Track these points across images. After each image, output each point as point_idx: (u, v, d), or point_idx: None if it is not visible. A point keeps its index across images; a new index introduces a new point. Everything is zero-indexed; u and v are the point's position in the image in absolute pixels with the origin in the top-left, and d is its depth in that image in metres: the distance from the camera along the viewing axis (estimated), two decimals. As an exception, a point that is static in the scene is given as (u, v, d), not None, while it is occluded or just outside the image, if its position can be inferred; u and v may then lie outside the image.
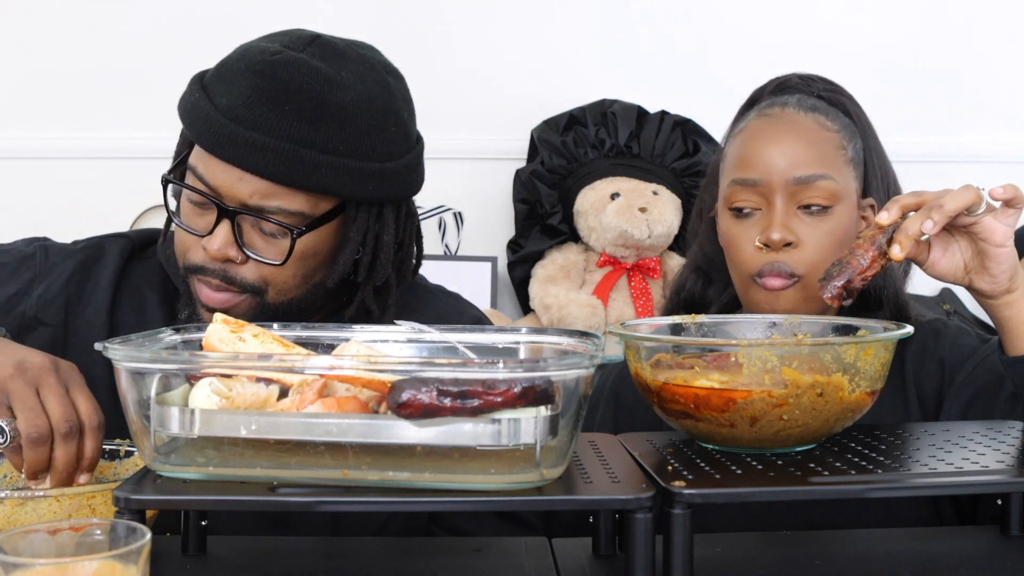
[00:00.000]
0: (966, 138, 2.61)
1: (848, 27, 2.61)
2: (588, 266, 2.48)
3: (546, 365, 0.84)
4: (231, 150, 1.18)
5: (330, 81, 1.20)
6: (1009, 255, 1.09)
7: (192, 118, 1.23)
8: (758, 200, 1.29)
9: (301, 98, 1.18)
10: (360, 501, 0.84)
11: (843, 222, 1.29)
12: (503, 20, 2.60)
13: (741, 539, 1.04)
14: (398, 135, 1.26)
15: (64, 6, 2.59)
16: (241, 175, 1.19)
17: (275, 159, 1.17)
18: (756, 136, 1.32)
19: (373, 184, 1.23)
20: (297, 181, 1.18)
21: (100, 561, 0.72)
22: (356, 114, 1.21)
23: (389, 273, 1.29)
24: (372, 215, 1.26)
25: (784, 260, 1.27)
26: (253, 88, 1.19)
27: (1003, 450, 0.98)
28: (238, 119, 1.18)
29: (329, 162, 1.19)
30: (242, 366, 0.88)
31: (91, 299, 1.31)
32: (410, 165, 1.28)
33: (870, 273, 1.08)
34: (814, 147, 1.29)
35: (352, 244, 1.25)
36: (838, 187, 1.28)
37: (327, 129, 1.19)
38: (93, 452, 1.02)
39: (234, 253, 1.21)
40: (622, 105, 2.49)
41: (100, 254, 1.35)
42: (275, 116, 1.18)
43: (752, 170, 1.29)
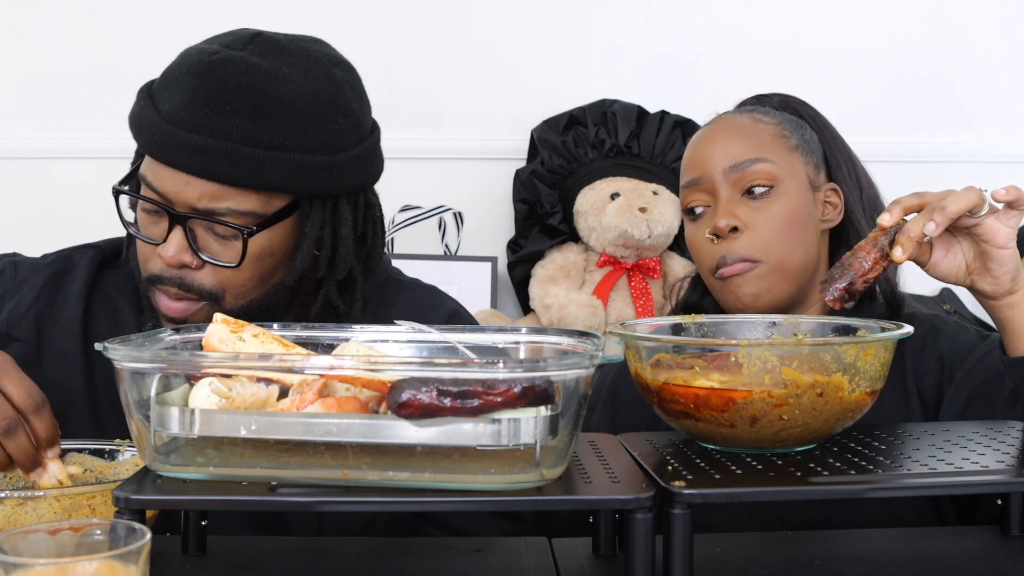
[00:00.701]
0: (967, 139, 2.61)
1: (848, 28, 2.61)
2: (588, 266, 2.48)
3: (546, 365, 0.84)
4: (175, 155, 1.17)
5: (270, 77, 1.19)
6: (1011, 256, 1.09)
7: (139, 128, 1.23)
8: (706, 198, 1.35)
9: (241, 96, 1.17)
10: (360, 501, 0.84)
11: (790, 201, 1.32)
12: (503, 20, 2.60)
13: (741, 539, 1.04)
14: (347, 126, 1.24)
15: (64, 6, 2.58)
16: (188, 179, 1.18)
17: (219, 160, 1.16)
18: (696, 142, 1.39)
19: (323, 177, 1.21)
20: (243, 180, 1.17)
21: (100, 561, 0.72)
22: (300, 108, 1.19)
23: (352, 267, 1.27)
24: (327, 209, 1.24)
25: (734, 248, 1.30)
26: (193, 91, 1.18)
27: (1003, 450, 0.98)
28: (180, 123, 1.18)
29: (275, 158, 1.18)
30: (242, 366, 0.88)
31: (62, 312, 1.30)
32: (363, 155, 1.26)
33: (872, 275, 1.08)
34: (747, 137, 1.34)
35: (308, 240, 1.23)
36: (777, 169, 1.32)
37: (270, 126, 1.18)
38: (45, 431, 1.01)
39: (189, 259, 1.20)
40: (622, 105, 2.49)
41: (70, 266, 1.34)
42: (216, 117, 1.17)
43: (694, 170, 1.36)
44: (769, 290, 1.30)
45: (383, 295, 1.36)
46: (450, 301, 1.43)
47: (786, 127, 1.36)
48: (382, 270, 1.39)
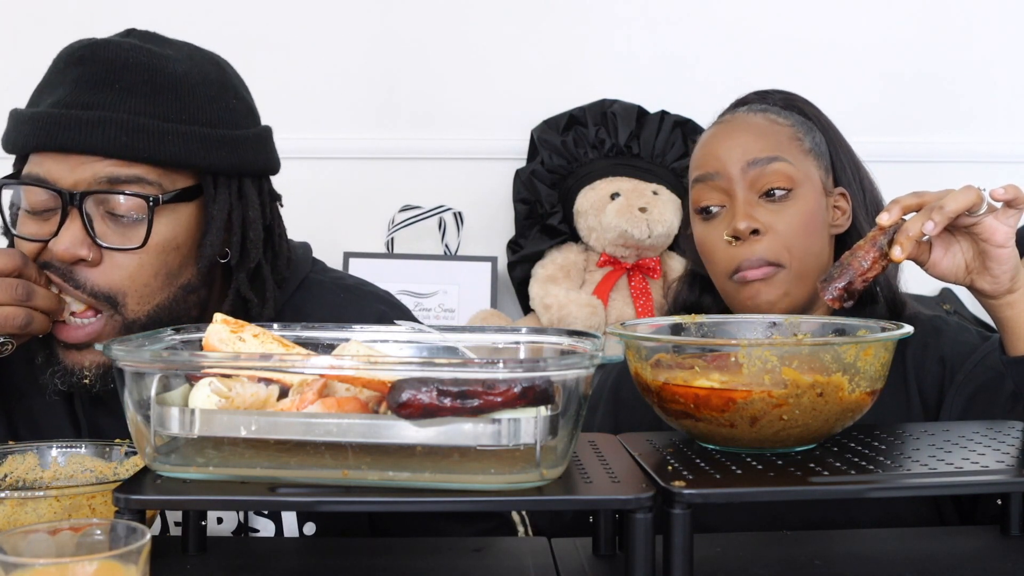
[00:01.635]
0: (966, 139, 2.61)
1: (847, 28, 2.61)
2: (588, 266, 2.48)
3: (546, 365, 0.84)
4: (65, 135, 1.09)
5: (158, 56, 1.15)
6: (1010, 255, 1.09)
7: (16, 132, 1.15)
8: (721, 196, 1.32)
9: (131, 74, 1.12)
10: (360, 501, 0.84)
11: (808, 206, 1.31)
12: (503, 21, 2.60)
13: (741, 539, 1.04)
14: (241, 108, 1.21)
15: (64, 6, 2.59)
16: (81, 159, 1.10)
17: (115, 132, 1.09)
18: (710, 139, 1.36)
19: (225, 150, 1.16)
20: (143, 152, 1.10)
21: (100, 561, 0.72)
22: (192, 84, 1.15)
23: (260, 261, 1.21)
24: (232, 191, 1.18)
25: (756, 251, 1.28)
26: (79, 76, 1.12)
27: (1003, 450, 0.98)
28: (68, 106, 1.11)
29: (175, 129, 1.12)
30: (242, 366, 0.88)
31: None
32: (262, 137, 1.23)
33: (871, 274, 1.08)
34: (765, 137, 1.33)
35: (217, 224, 1.16)
36: (795, 170, 1.31)
37: (165, 100, 1.12)
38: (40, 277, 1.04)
39: (86, 251, 1.11)
40: (622, 105, 2.49)
41: None
42: (109, 94, 1.11)
43: (708, 165, 1.33)
44: (787, 295, 1.29)
45: (298, 301, 1.29)
46: (375, 302, 1.33)
47: (799, 129, 1.35)
48: (297, 271, 1.31)
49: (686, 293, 1.45)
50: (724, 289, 1.34)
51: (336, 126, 2.56)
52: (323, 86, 2.55)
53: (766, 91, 1.46)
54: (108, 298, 1.13)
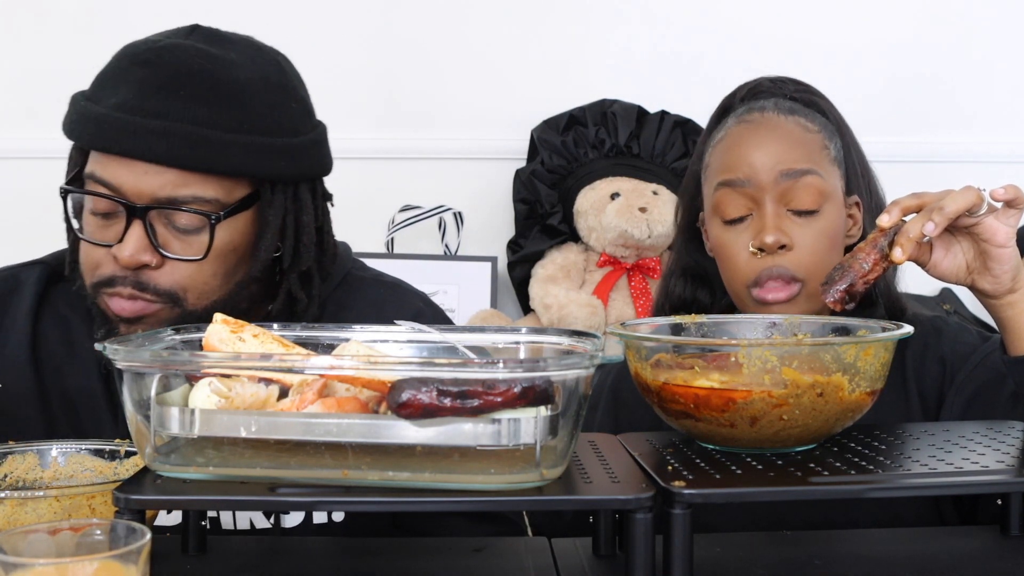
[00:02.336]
0: (966, 139, 2.61)
1: (847, 27, 2.61)
2: (588, 266, 2.48)
3: (546, 365, 0.84)
4: (131, 142, 1.11)
5: (220, 61, 1.16)
6: (1011, 255, 1.09)
7: (82, 126, 1.16)
8: (747, 204, 1.28)
9: (195, 81, 1.13)
10: (360, 501, 0.84)
11: (833, 221, 1.28)
12: (503, 20, 2.60)
13: (741, 539, 1.04)
14: (300, 111, 1.22)
15: (64, 6, 2.58)
16: (146, 168, 1.12)
17: (180, 144, 1.11)
18: (739, 140, 1.31)
19: (285, 160, 1.17)
20: (206, 164, 1.12)
21: (100, 561, 0.72)
22: (254, 91, 1.16)
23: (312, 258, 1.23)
24: (288, 196, 1.20)
25: (780, 263, 1.25)
26: (142, 80, 1.13)
27: (1003, 450, 0.98)
28: (133, 110, 1.12)
29: (236, 140, 1.14)
30: (242, 366, 0.88)
31: (9, 335, 1.24)
32: (318, 141, 1.24)
33: (872, 276, 1.07)
34: (799, 147, 1.29)
35: (272, 229, 1.19)
36: (826, 184, 1.28)
37: (228, 109, 1.14)
38: None
39: (148, 257, 1.14)
40: (622, 105, 2.49)
41: (16, 286, 1.27)
42: (171, 102, 1.12)
43: (738, 171, 1.28)
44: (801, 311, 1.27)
45: (341, 297, 1.31)
46: (414, 299, 1.36)
47: (826, 136, 1.32)
48: (340, 267, 1.33)
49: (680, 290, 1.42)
50: (738, 296, 1.31)
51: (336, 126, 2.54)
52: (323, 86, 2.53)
53: (780, 79, 1.41)
54: (170, 295, 1.16)
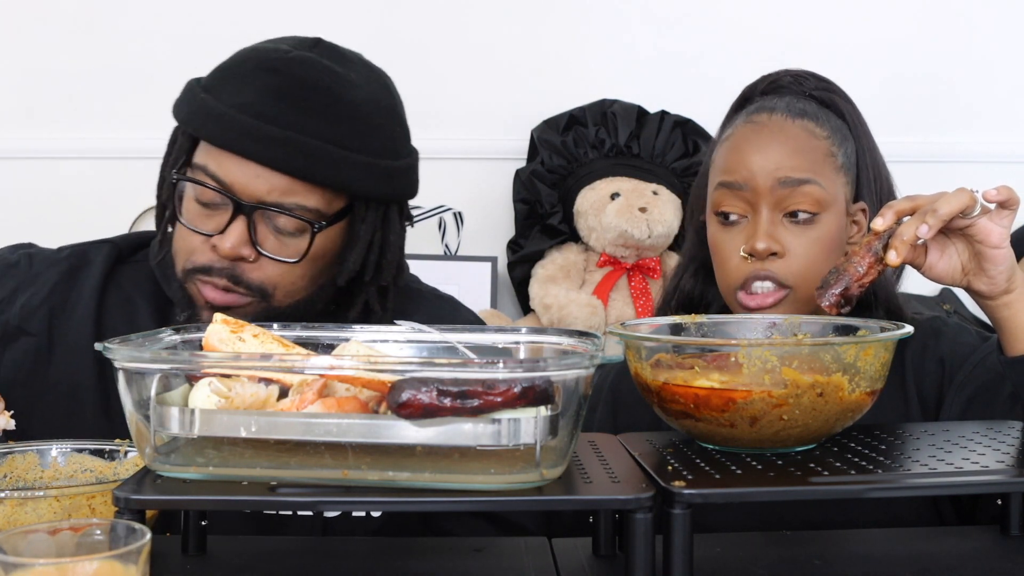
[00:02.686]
0: (967, 139, 2.61)
1: (847, 27, 2.61)
2: (588, 266, 2.48)
3: (546, 365, 0.84)
4: (250, 145, 1.17)
5: (343, 80, 1.21)
6: (1006, 256, 1.09)
7: (200, 118, 1.21)
8: (744, 207, 1.28)
9: (317, 95, 1.19)
10: (360, 501, 0.84)
11: (830, 230, 1.28)
12: (503, 20, 2.60)
13: (741, 539, 1.04)
14: (401, 135, 1.28)
15: (64, 6, 2.58)
16: (259, 171, 1.18)
17: (295, 153, 1.17)
18: (742, 142, 1.31)
19: (384, 182, 1.23)
20: (317, 176, 1.18)
21: (100, 561, 0.72)
22: (367, 112, 1.22)
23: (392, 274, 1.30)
24: (379, 214, 1.26)
25: (768, 268, 1.26)
26: (267, 85, 1.18)
27: (1003, 450, 0.98)
28: (255, 114, 1.17)
29: (346, 158, 1.19)
30: (242, 366, 0.88)
31: (76, 308, 1.29)
32: (413, 166, 1.30)
33: (867, 280, 1.07)
34: (801, 154, 1.28)
35: (361, 243, 1.25)
36: (825, 194, 1.27)
37: (343, 126, 1.19)
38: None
39: (247, 252, 1.20)
40: (622, 105, 2.49)
41: (85, 262, 1.33)
42: (293, 112, 1.17)
43: (737, 174, 1.29)
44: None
45: (402, 306, 1.37)
46: (467, 312, 1.45)
47: (835, 142, 1.31)
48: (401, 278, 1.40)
49: (691, 286, 1.43)
50: (726, 296, 1.33)
51: (336, 126, 2.56)
52: (323, 86, 2.54)
53: (802, 75, 1.40)
54: (261, 291, 1.22)
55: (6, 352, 1.26)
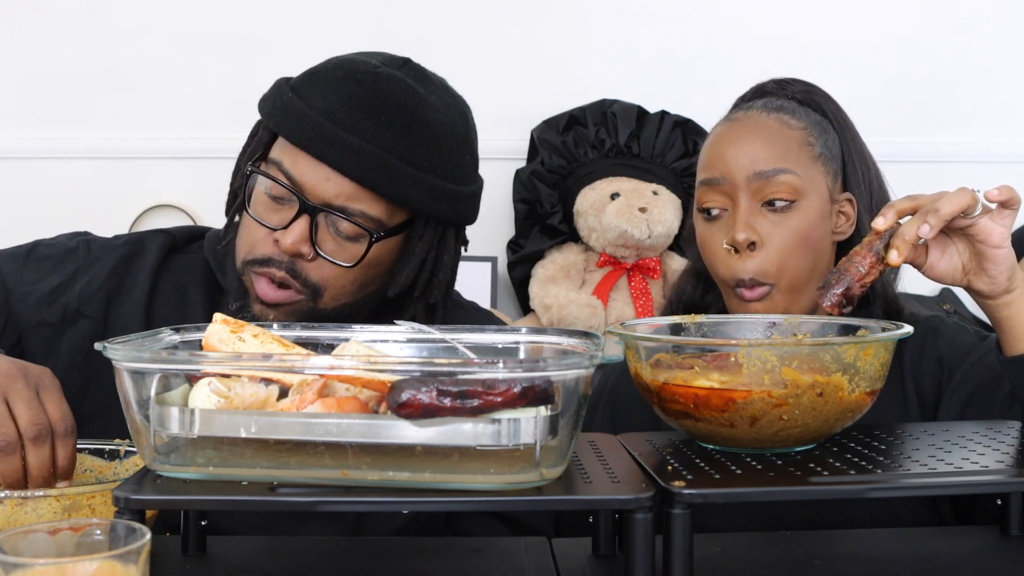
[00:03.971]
0: (967, 139, 2.61)
1: (847, 28, 2.62)
2: (588, 266, 2.48)
3: (546, 365, 0.84)
4: (326, 148, 1.21)
5: (424, 101, 1.26)
6: (1007, 256, 1.09)
7: (284, 115, 1.25)
8: (724, 200, 1.31)
9: (398, 112, 1.23)
10: (360, 501, 0.84)
11: (809, 217, 1.30)
12: (503, 20, 2.60)
13: (741, 539, 1.04)
14: (470, 164, 1.32)
15: (64, 6, 2.59)
16: (330, 174, 1.22)
17: (368, 163, 1.21)
18: (719, 139, 1.34)
19: (446, 203, 1.27)
20: (383, 187, 1.22)
21: (100, 561, 0.72)
22: (442, 136, 1.26)
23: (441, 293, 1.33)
24: (437, 234, 1.30)
25: (749, 267, 1.28)
26: (352, 95, 1.23)
27: (1003, 450, 0.98)
28: (336, 121, 1.22)
29: (414, 175, 1.23)
30: (242, 366, 0.88)
31: (130, 293, 1.34)
32: (476, 194, 1.34)
33: (869, 279, 1.08)
34: (774, 144, 1.31)
35: (416, 259, 1.29)
36: (801, 182, 1.29)
37: (416, 144, 1.24)
38: (65, 459, 1.01)
39: (307, 250, 1.23)
40: (622, 105, 2.49)
41: (141, 249, 1.37)
42: (372, 124, 1.22)
43: (715, 169, 1.32)
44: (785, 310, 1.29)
45: (447, 317, 1.40)
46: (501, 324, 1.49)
47: (812, 133, 1.33)
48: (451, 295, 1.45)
49: (690, 291, 1.44)
50: (725, 294, 1.34)
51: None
52: (323, 86, 2.54)
53: (786, 80, 1.43)
54: (315, 289, 1.26)
55: (66, 334, 1.31)
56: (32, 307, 1.30)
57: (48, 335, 1.30)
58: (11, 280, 1.32)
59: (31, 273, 1.33)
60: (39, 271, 1.34)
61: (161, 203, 2.57)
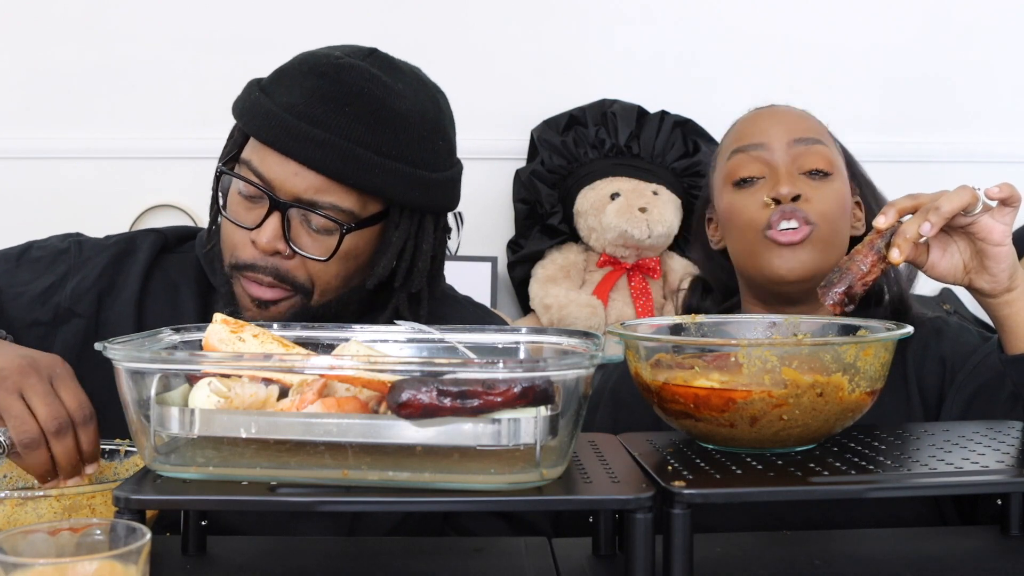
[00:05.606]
0: (966, 139, 2.61)
1: (847, 28, 2.61)
2: (588, 266, 2.48)
3: (546, 365, 0.84)
4: (291, 143, 1.21)
5: (389, 89, 1.25)
6: (1008, 254, 1.09)
7: (251, 114, 1.26)
8: (760, 168, 1.34)
9: (362, 101, 1.23)
10: (360, 501, 0.84)
11: (842, 190, 1.35)
12: (503, 21, 2.60)
13: (741, 539, 1.04)
14: (444, 149, 1.32)
15: (64, 6, 2.59)
16: (297, 169, 1.21)
17: (333, 155, 1.20)
18: (753, 117, 1.39)
19: (419, 191, 1.27)
20: (351, 179, 1.22)
21: (100, 561, 0.72)
22: (410, 123, 1.25)
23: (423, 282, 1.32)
24: (414, 223, 1.29)
25: (797, 209, 1.30)
26: (315, 88, 1.23)
27: (1003, 450, 0.98)
28: (300, 115, 1.22)
29: (382, 164, 1.23)
30: (242, 366, 0.88)
31: (121, 292, 1.34)
32: (453, 179, 1.34)
33: (870, 278, 1.08)
34: (809, 120, 1.37)
35: (393, 249, 1.28)
36: (834, 156, 1.35)
37: (383, 133, 1.23)
38: (89, 444, 1.03)
39: (282, 246, 1.23)
40: (622, 105, 2.49)
41: (132, 248, 1.38)
42: (336, 115, 1.22)
43: (753, 137, 1.35)
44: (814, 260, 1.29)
45: (439, 311, 1.40)
46: (498, 320, 1.48)
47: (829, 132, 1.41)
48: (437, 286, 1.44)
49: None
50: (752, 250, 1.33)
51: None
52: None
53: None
54: (300, 286, 1.26)
55: (59, 334, 1.32)
56: (25, 307, 1.31)
57: (41, 334, 1.30)
58: (4, 281, 1.33)
59: (24, 274, 1.34)
60: (32, 272, 1.34)
61: (161, 203, 2.57)
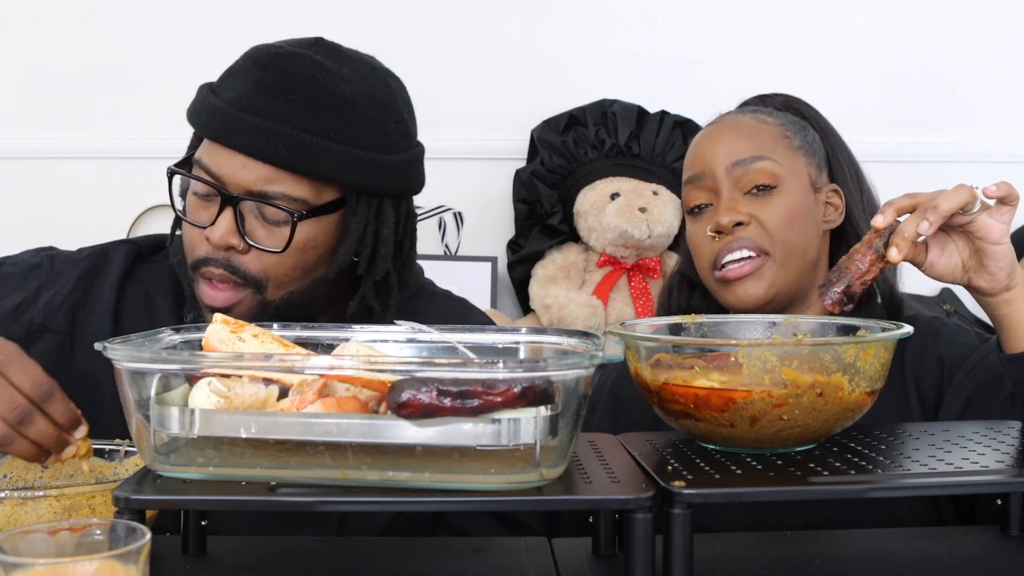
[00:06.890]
0: (966, 139, 2.61)
1: (847, 28, 2.61)
2: (588, 266, 2.48)
3: (546, 365, 0.84)
4: (235, 136, 1.21)
5: (332, 74, 1.24)
6: (1006, 252, 1.09)
7: (199, 115, 1.26)
8: (707, 195, 1.35)
9: (304, 88, 1.22)
10: (360, 501, 0.84)
11: (793, 200, 1.33)
12: (503, 21, 2.60)
13: (741, 539, 1.04)
14: (397, 132, 1.29)
15: (64, 6, 2.58)
16: (245, 161, 1.21)
17: (278, 143, 1.20)
18: (698, 141, 1.40)
19: (372, 174, 1.25)
20: (299, 166, 1.21)
21: (100, 561, 0.72)
22: (357, 106, 1.24)
23: (389, 269, 1.30)
24: (372, 208, 1.28)
25: (740, 238, 1.31)
26: (257, 80, 1.23)
27: (1003, 450, 0.98)
28: (243, 107, 1.21)
29: (330, 148, 1.22)
30: (242, 366, 0.88)
31: (95, 305, 1.33)
32: (409, 161, 1.31)
33: (869, 277, 1.08)
34: (750, 137, 1.36)
35: (352, 236, 1.27)
36: (780, 168, 1.33)
37: (329, 118, 1.22)
38: (62, 415, 1.03)
39: (236, 241, 1.23)
40: (622, 105, 2.49)
41: (104, 261, 1.37)
42: (279, 104, 1.21)
43: (696, 167, 1.37)
44: (772, 285, 1.30)
45: (414, 305, 1.39)
46: (480, 315, 1.47)
47: (789, 128, 1.37)
48: (415, 280, 1.43)
49: (676, 295, 1.47)
50: (709, 283, 1.37)
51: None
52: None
53: (767, 95, 1.48)
54: (256, 281, 1.25)
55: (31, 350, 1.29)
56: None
57: None
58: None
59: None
60: (3, 288, 1.33)
61: (161, 203, 2.57)
